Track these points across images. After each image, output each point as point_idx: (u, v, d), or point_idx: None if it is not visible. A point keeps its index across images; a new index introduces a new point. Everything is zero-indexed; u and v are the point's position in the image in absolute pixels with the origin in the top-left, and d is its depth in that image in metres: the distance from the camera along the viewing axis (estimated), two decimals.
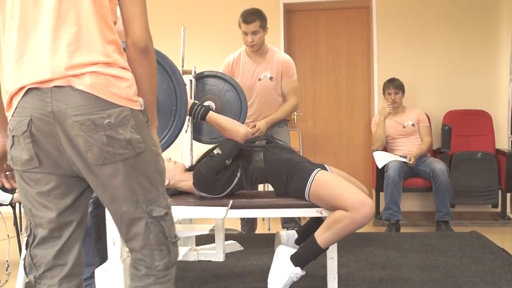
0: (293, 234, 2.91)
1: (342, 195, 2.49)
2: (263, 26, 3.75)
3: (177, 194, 2.79)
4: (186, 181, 2.75)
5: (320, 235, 2.51)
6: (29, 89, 1.45)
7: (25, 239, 1.64)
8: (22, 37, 1.48)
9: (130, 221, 1.56)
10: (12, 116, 1.50)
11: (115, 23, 1.57)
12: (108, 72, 1.46)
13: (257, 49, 3.80)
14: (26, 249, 1.62)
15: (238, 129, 2.67)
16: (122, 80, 1.49)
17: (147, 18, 1.58)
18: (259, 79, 3.81)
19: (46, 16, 1.46)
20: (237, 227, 4.39)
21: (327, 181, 2.55)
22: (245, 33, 3.73)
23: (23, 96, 1.46)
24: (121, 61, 1.52)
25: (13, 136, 1.50)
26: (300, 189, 2.59)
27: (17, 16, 1.48)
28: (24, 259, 1.64)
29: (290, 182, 2.62)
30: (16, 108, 1.48)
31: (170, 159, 2.83)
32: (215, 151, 2.65)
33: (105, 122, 1.44)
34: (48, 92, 1.44)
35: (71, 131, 1.44)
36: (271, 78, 3.82)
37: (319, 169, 2.62)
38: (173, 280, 1.66)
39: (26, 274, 1.63)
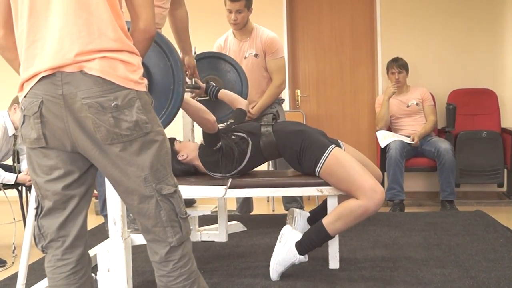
0: (305, 213, 2.92)
1: (355, 178, 2.48)
2: (248, 6, 3.72)
3: (192, 173, 2.86)
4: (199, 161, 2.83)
5: (331, 224, 2.52)
6: (42, 77, 1.50)
7: (33, 210, 1.69)
8: (33, 23, 1.52)
9: (141, 199, 1.61)
10: (25, 97, 1.56)
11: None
12: (116, 56, 1.52)
13: (240, 28, 3.79)
14: (35, 220, 1.71)
15: (243, 101, 3.09)
16: (129, 64, 1.55)
17: None
18: (245, 57, 3.81)
19: (56, 1, 1.49)
20: (234, 208, 4.33)
21: (342, 160, 2.54)
22: (230, 11, 3.71)
23: (36, 83, 1.51)
24: (129, 46, 1.58)
25: (24, 116, 1.56)
26: (313, 163, 2.58)
27: (27, 0, 1.51)
28: (34, 230, 1.72)
29: (304, 155, 2.62)
30: (28, 92, 1.54)
31: (189, 140, 2.92)
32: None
33: (112, 105, 1.50)
34: (59, 76, 1.49)
35: (79, 113, 1.50)
36: (256, 55, 3.81)
37: (334, 145, 2.61)
38: (190, 263, 1.74)
39: (36, 244, 1.72)
